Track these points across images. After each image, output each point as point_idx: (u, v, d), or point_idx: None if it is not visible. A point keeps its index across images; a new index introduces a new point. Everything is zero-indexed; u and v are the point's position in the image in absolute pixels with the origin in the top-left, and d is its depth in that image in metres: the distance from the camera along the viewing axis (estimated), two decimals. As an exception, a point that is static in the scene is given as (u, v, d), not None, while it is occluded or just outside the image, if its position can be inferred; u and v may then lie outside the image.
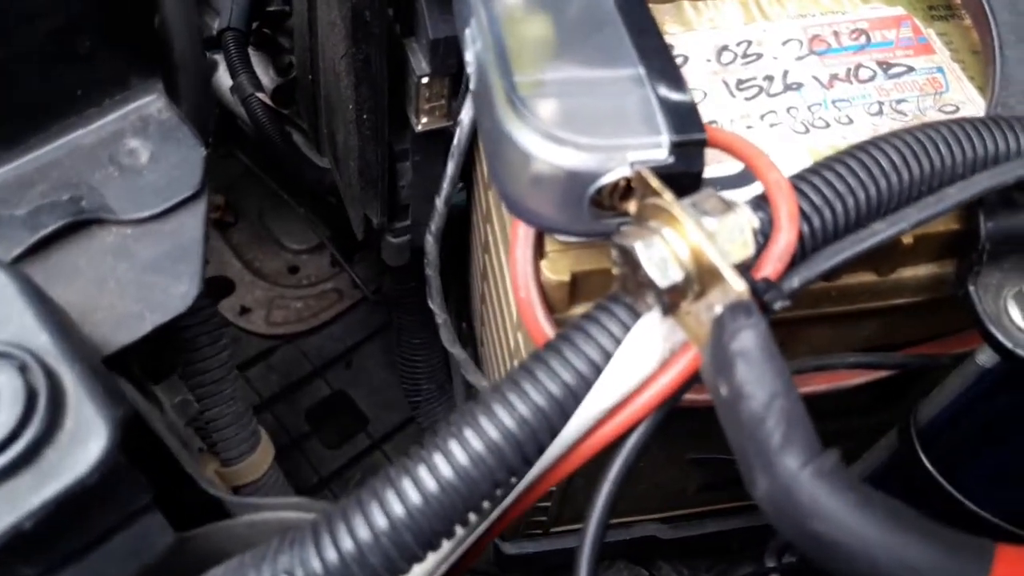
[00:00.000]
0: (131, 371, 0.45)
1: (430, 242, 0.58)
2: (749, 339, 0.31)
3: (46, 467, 0.32)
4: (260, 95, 0.92)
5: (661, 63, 0.40)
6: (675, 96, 0.39)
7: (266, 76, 1.00)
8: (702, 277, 0.34)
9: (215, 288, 1.20)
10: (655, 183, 0.35)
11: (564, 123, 0.37)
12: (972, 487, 0.53)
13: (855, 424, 0.65)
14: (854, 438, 0.65)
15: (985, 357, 0.50)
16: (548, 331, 0.45)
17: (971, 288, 0.47)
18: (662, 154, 0.37)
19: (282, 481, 0.70)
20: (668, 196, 0.35)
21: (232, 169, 1.27)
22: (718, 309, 0.33)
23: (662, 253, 0.34)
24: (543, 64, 0.40)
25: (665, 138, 0.37)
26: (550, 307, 0.47)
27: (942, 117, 0.51)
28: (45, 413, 0.32)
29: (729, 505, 0.78)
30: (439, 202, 0.56)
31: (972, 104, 0.52)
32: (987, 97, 0.51)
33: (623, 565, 0.92)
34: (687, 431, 0.61)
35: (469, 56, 0.44)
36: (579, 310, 0.48)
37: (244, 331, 1.19)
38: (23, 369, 0.33)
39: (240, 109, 0.95)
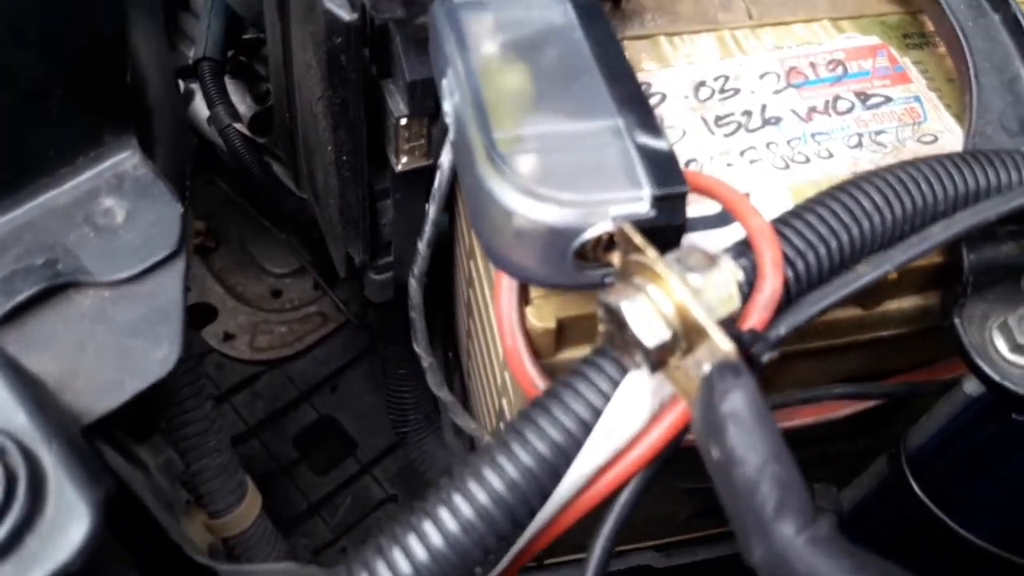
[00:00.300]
0: (113, 435, 0.44)
1: (413, 286, 0.57)
2: (739, 401, 0.31)
3: (28, 555, 0.31)
4: (238, 125, 0.91)
5: (639, 112, 0.40)
6: (654, 146, 0.38)
7: (243, 104, 0.99)
8: (689, 334, 0.34)
9: (198, 315, 1.19)
10: (638, 240, 0.35)
11: (544, 179, 0.37)
12: (964, 514, 0.53)
13: (841, 449, 0.65)
14: (840, 463, 0.65)
15: (972, 386, 0.50)
16: (536, 379, 0.45)
17: (956, 320, 0.47)
18: (644, 207, 0.37)
19: (271, 531, 0.69)
20: (652, 253, 0.35)
21: (212, 194, 1.26)
22: (706, 368, 0.33)
23: (648, 312, 0.34)
24: (522, 118, 0.39)
25: (647, 192, 0.37)
26: (537, 353, 0.47)
27: (921, 147, 0.52)
28: (25, 499, 0.32)
29: (720, 531, 0.78)
30: (421, 246, 0.56)
31: (950, 133, 0.52)
32: (964, 126, 0.51)
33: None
34: (679, 463, 0.61)
35: (447, 107, 0.44)
36: (566, 355, 0.48)
37: (228, 357, 1.18)
38: (1, 453, 0.32)
39: (219, 139, 0.94)
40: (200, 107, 0.98)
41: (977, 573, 0.56)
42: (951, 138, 0.52)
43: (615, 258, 0.38)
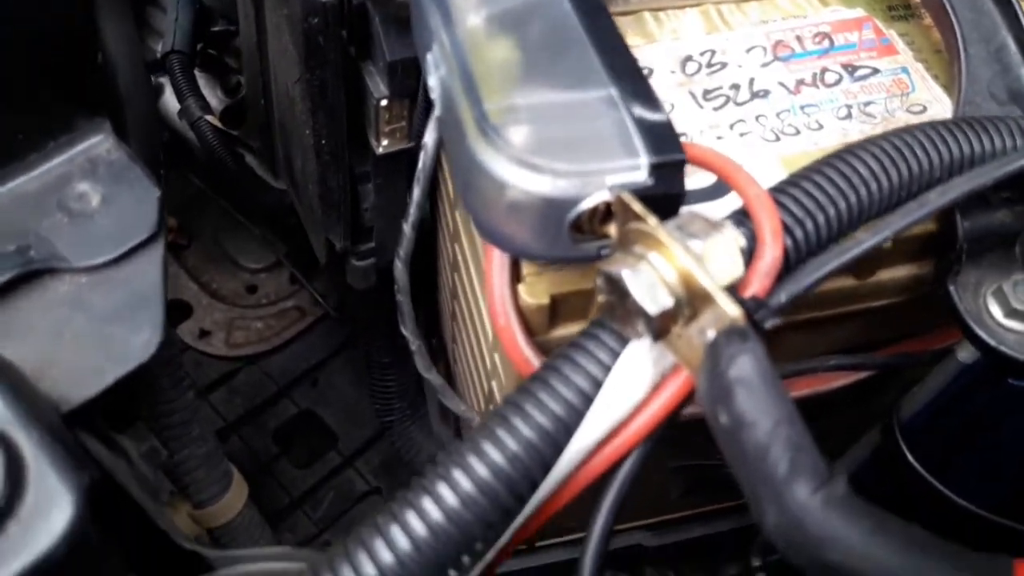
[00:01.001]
0: (94, 424, 0.43)
1: (399, 268, 0.56)
2: (747, 365, 0.30)
3: (9, 542, 0.30)
4: (209, 118, 0.89)
5: (633, 82, 0.39)
6: (651, 116, 0.38)
7: (214, 97, 0.97)
8: (693, 301, 0.33)
9: (172, 313, 1.17)
10: (638, 207, 0.34)
11: (539, 149, 0.36)
12: (958, 482, 0.53)
13: (834, 421, 0.64)
14: (833, 434, 0.64)
15: (966, 353, 0.50)
16: (530, 358, 0.44)
17: (951, 287, 0.47)
18: (641, 176, 0.36)
19: (258, 520, 0.67)
20: (652, 220, 0.34)
21: (184, 190, 1.24)
22: (711, 334, 0.32)
23: (650, 279, 0.33)
24: (512, 89, 0.38)
25: (644, 160, 0.36)
26: (530, 331, 0.46)
27: (910, 118, 0.51)
28: (4, 486, 0.30)
29: (712, 508, 0.78)
30: (406, 227, 0.54)
31: (939, 103, 0.52)
32: (953, 96, 0.51)
33: (609, 574, 0.91)
34: (670, 440, 0.61)
35: (433, 81, 0.43)
36: (560, 332, 0.47)
37: (204, 354, 1.16)
38: (-21, 441, 0.31)
39: (189, 132, 0.92)
40: (170, 101, 0.96)
41: (973, 540, 0.56)
42: (940, 108, 0.52)
43: (612, 229, 0.37)
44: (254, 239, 1.22)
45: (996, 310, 0.47)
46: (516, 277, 0.45)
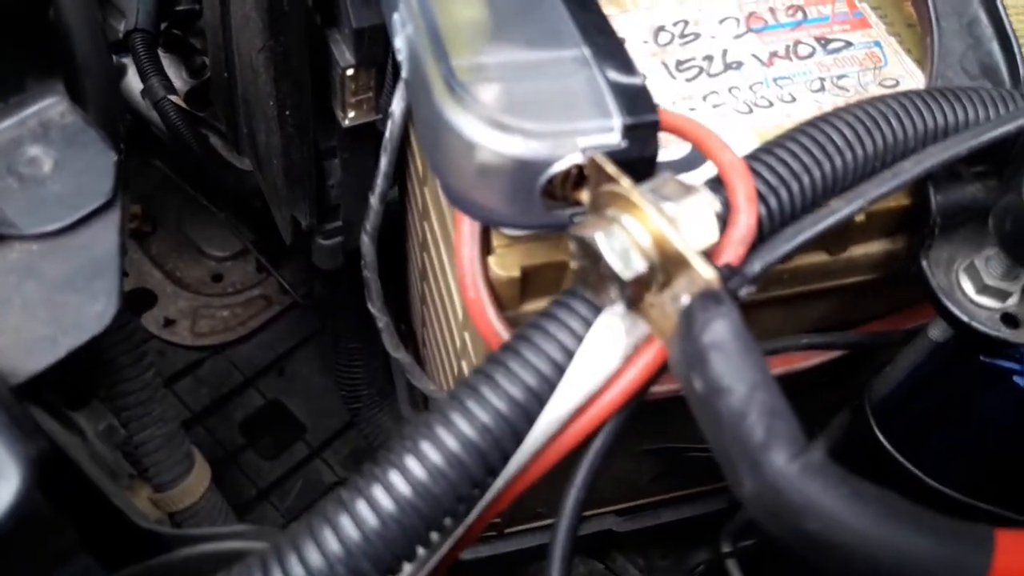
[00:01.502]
0: (47, 399, 0.41)
1: (366, 242, 0.55)
2: (722, 329, 0.29)
3: (-49, 518, 0.28)
4: (173, 98, 0.87)
5: (606, 42, 0.38)
6: (624, 77, 0.37)
7: (179, 79, 0.95)
8: (667, 266, 0.32)
9: (136, 301, 1.15)
10: (611, 169, 0.33)
11: (509, 108, 0.35)
12: (930, 462, 0.53)
13: (805, 403, 0.64)
14: (804, 417, 0.64)
15: (937, 332, 0.49)
16: (500, 331, 0.43)
17: (923, 263, 0.46)
18: (615, 138, 0.35)
19: (222, 504, 0.66)
20: (626, 182, 0.33)
21: (148, 177, 1.21)
22: (685, 299, 0.32)
23: (623, 243, 0.32)
24: (481, 46, 0.37)
25: (617, 121, 0.35)
26: (500, 305, 0.45)
27: (883, 91, 0.51)
28: (-53, 457, 0.29)
29: (682, 493, 0.78)
30: (373, 200, 0.53)
31: (911, 77, 0.51)
32: (926, 70, 0.50)
33: (578, 560, 0.91)
34: (642, 422, 0.60)
35: (399, 42, 0.41)
36: (530, 307, 0.46)
37: (169, 344, 1.14)
38: (-82, 409, 0.29)
39: (153, 114, 0.90)
40: (133, 82, 0.94)
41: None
42: (913, 82, 0.51)
43: (584, 195, 0.36)
44: (220, 226, 1.20)
45: (968, 286, 0.46)
46: (486, 249, 0.44)
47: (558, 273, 0.45)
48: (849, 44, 0.53)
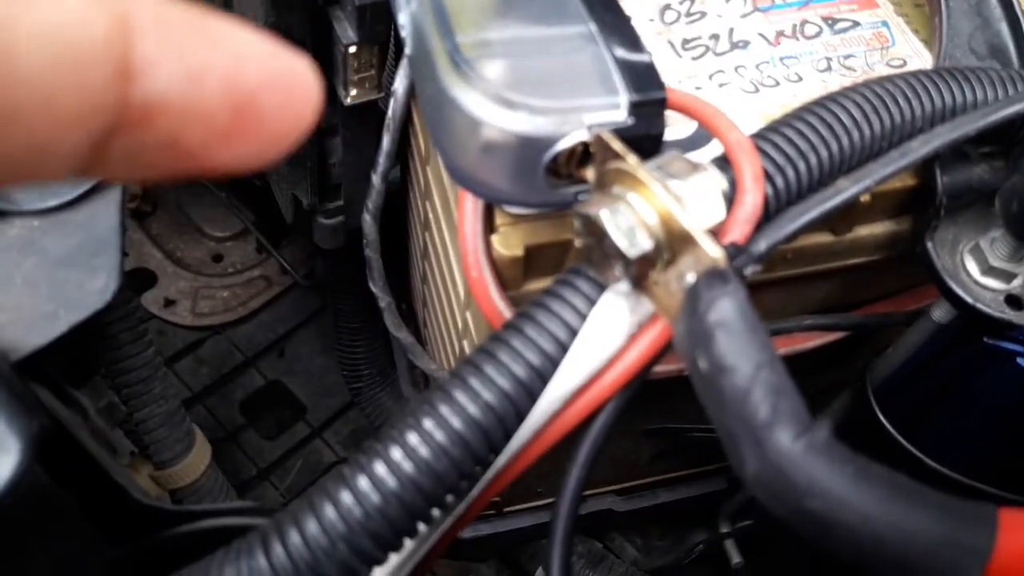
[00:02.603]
0: (48, 375, 0.41)
1: (368, 222, 0.54)
2: (728, 308, 0.29)
3: (-47, 491, 0.28)
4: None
5: (612, 19, 0.38)
6: (630, 54, 0.36)
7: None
8: (672, 244, 0.32)
9: (136, 281, 1.14)
10: (617, 146, 0.33)
11: (514, 85, 0.35)
12: (931, 444, 0.53)
13: (806, 384, 0.64)
14: (806, 398, 0.64)
15: (941, 313, 0.49)
16: (503, 310, 0.43)
17: (928, 244, 0.46)
18: (621, 115, 0.35)
19: (222, 481, 0.66)
20: (632, 160, 0.33)
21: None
22: (690, 278, 0.31)
23: (629, 221, 0.32)
24: (486, 22, 0.37)
25: (624, 98, 0.35)
26: (503, 284, 0.45)
27: (890, 71, 0.50)
28: (-52, 431, 0.28)
29: (681, 473, 0.78)
30: (376, 179, 0.53)
31: (919, 57, 0.51)
32: (933, 50, 0.50)
33: (576, 539, 0.91)
34: (642, 402, 0.60)
35: (403, 18, 0.41)
36: (534, 286, 0.46)
37: (170, 323, 1.14)
38: (-80, 383, 0.29)
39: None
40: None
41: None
42: (920, 62, 0.51)
43: (589, 173, 0.36)
44: (220, 206, 1.20)
45: (973, 267, 0.46)
46: (490, 228, 0.44)
47: (562, 252, 0.44)
48: (856, 24, 0.52)
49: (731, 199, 0.36)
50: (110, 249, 0.39)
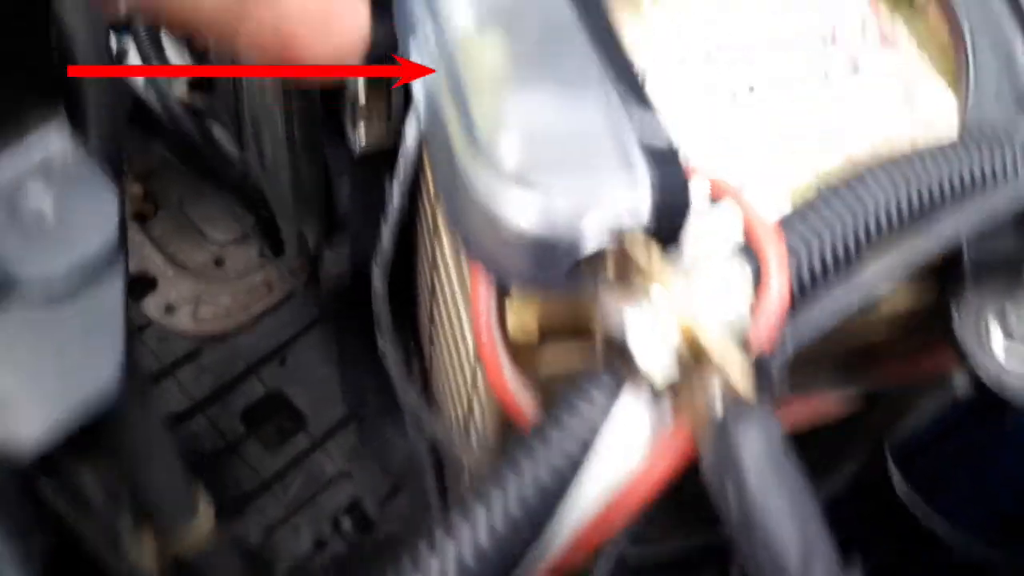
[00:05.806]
0: (50, 459, 0.40)
1: (377, 274, 0.53)
2: (757, 449, 0.28)
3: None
4: (176, 90, 0.85)
5: (633, 98, 0.36)
6: (656, 143, 0.35)
7: (181, 60, 0.93)
8: (698, 356, 0.31)
9: (137, 286, 1.13)
10: (642, 256, 0.32)
11: (535, 182, 0.33)
12: (950, 511, 0.52)
13: (817, 435, 0.63)
14: (815, 447, 0.63)
15: (963, 383, 0.48)
16: (516, 392, 0.42)
17: (953, 319, 0.45)
18: (645, 216, 0.33)
19: (227, 546, 0.64)
20: (657, 265, 0.31)
21: (149, 156, 1.19)
22: (719, 408, 0.30)
23: (655, 345, 0.31)
24: (504, 96, 0.35)
25: (648, 196, 0.33)
26: (515, 352, 0.43)
27: (915, 119, 0.49)
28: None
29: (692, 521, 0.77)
30: (385, 232, 0.51)
31: (944, 104, 0.50)
32: (959, 95, 0.49)
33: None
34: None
35: (417, 87, 0.39)
36: (548, 353, 0.44)
37: (170, 330, 1.13)
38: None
39: (154, 100, 0.88)
40: (135, 63, 0.92)
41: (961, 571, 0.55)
42: (946, 109, 0.49)
43: (611, 264, 0.35)
44: (222, 208, 1.18)
45: (998, 340, 0.45)
46: (502, 297, 0.42)
47: (577, 319, 0.43)
48: (880, 68, 0.51)
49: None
50: (112, 333, 0.37)
